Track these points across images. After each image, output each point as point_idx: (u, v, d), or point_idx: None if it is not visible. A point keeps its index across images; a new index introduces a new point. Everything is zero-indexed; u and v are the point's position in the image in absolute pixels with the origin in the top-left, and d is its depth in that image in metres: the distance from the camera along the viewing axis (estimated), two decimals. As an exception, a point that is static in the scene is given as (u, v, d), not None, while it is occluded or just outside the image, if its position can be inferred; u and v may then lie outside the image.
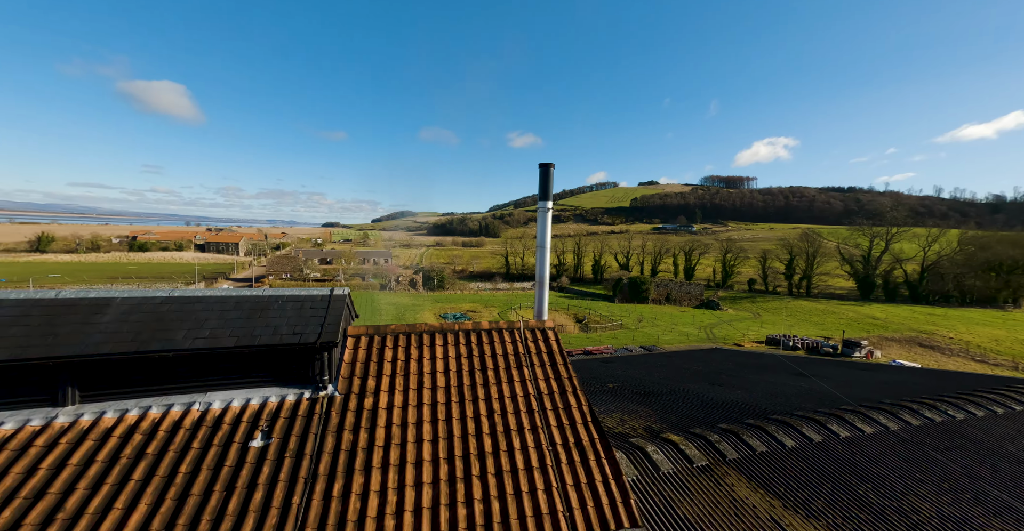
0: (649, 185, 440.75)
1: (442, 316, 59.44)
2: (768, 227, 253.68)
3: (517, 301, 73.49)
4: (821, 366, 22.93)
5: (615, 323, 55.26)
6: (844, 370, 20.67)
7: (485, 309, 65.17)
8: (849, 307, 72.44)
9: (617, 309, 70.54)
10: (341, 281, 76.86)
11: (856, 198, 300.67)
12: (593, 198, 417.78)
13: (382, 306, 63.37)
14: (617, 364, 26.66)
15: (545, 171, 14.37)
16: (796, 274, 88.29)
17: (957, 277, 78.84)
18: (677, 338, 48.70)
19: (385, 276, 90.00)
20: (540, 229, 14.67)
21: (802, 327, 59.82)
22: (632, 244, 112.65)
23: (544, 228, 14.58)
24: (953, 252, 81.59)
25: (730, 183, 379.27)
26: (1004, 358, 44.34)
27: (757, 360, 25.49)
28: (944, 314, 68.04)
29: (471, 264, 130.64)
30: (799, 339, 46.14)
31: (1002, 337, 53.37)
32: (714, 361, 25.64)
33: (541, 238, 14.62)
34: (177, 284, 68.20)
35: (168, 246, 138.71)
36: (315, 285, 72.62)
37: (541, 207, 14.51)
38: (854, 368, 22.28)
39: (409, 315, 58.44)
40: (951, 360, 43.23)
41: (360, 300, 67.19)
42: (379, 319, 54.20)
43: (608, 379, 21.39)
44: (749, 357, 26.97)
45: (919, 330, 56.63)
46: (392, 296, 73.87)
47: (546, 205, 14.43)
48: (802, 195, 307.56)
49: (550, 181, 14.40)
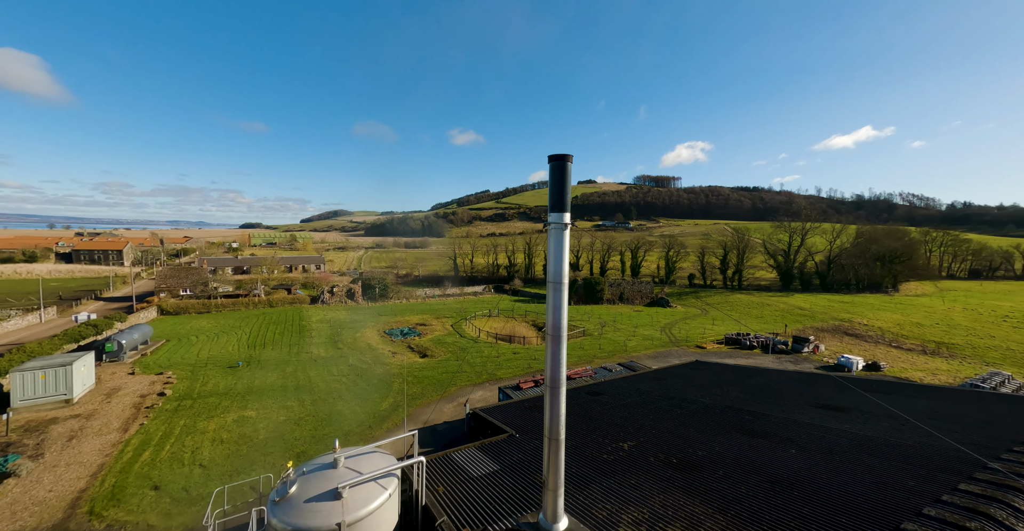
0: (588, 184, 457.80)
1: (387, 332, 52.16)
2: (693, 223, 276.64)
3: (471, 309, 68.14)
4: (824, 386, 21.41)
5: (578, 330, 52.77)
6: (853, 396, 18.96)
7: (437, 321, 58.96)
8: (779, 299, 78.61)
9: (575, 312, 68.61)
10: (260, 295, 64.88)
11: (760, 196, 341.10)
12: (536, 196, 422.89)
13: (313, 325, 54.01)
14: (608, 397, 23.13)
15: (560, 168, 9.76)
16: (730, 268, 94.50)
17: (854, 267, 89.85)
18: (643, 343, 47.43)
19: (317, 286, 78.73)
20: (553, 255, 10.06)
21: (748, 321, 62.72)
22: (582, 242, 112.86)
23: (560, 254, 10.00)
24: (851, 245, 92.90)
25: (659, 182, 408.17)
26: (913, 342, 49.63)
27: (753, 379, 23.64)
28: (851, 301, 76.58)
29: (416, 267, 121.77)
30: (754, 337, 47.32)
31: (901, 321, 60.57)
32: (713, 384, 23.19)
33: (555, 271, 10.03)
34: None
35: (14, 255, 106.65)
36: (224, 302, 60.18)
37: (555, 223, 9.89)
38: (859, 385, 20.93)
39: (347, 334, 50.26)
40: (877, 348, 47.22)
41: (285, 319, 56.89)
42: (309, 343, 45.49)
43: (611, 427, 17.48)
44: (741, 375, 24.99)
45: (839, 318, 62.31)
46: (326, 311, 64.09)
47: (563, 219, 9.85)
48: (719, 194, 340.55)
49: (567, 182, 9.83)
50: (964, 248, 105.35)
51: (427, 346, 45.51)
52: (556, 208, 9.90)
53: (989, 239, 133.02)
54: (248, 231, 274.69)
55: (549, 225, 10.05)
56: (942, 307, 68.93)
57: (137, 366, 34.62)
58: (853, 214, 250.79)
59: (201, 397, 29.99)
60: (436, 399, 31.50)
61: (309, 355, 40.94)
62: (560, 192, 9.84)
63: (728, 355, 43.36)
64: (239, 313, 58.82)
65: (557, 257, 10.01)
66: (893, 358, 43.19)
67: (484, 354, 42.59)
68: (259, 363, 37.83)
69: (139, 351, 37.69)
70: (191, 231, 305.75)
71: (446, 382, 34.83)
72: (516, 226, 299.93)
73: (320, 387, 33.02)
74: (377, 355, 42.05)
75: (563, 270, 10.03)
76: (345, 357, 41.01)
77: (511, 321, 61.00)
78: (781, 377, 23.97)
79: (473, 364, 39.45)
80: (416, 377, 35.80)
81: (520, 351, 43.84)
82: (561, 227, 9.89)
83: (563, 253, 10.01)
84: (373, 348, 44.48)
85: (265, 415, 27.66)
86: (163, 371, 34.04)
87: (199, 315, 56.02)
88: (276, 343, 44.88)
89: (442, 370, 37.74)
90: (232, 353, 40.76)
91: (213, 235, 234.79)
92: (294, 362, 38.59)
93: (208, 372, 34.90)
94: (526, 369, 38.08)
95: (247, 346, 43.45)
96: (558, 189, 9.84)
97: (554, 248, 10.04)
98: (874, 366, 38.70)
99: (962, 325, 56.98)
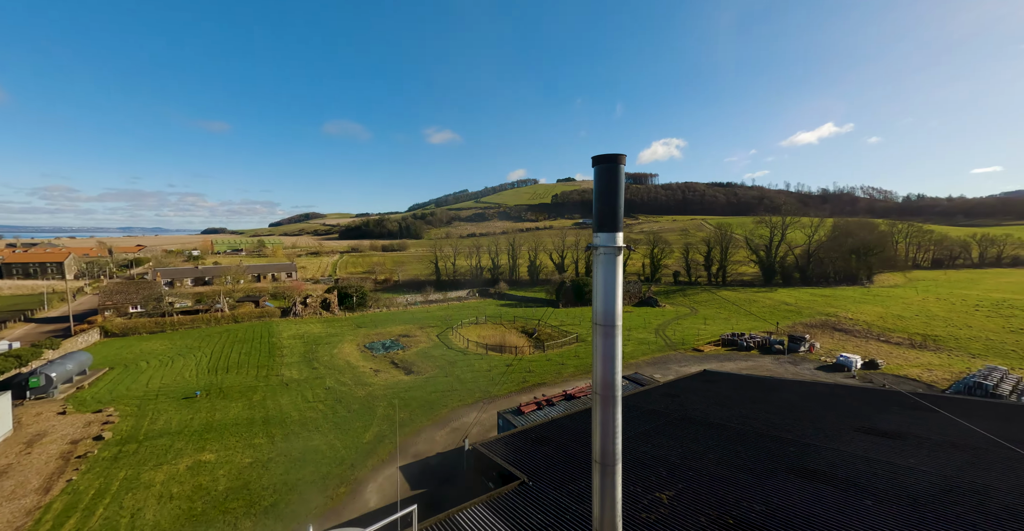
0: (567, 182, 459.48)
1: (368, 347, 48.32)
2: (671, 219, 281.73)
3: (456, 316, 64.86)
4: (854, 401, 19.66)
5: (570, 336, 50.60)
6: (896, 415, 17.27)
7: (421, 331, 55.42)
8: (764, 295, 79.33)
9: (565, 316, 66.56)
10: (223, 310, 59.27)
11: (734, 192, 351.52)
12: (515, 195, 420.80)
13: (284, 341, 49.42)
14: (623, 421, 20.84)
15: (610, 173, 7.09)
16: (714, 265, 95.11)
17: (832, 260, 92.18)
18: (640, 349, 45.73)
19: (288, 296, 73.30)
20: (603, 288, 7.38)
21: (738, 320, 62.41)
22: (566, 241, 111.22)
23: (611, 288, 7.32)
24: (828, 239, 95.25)
25: (636, 179, 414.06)
26: (900, 335, 50.26)
27: (776, 394, 21.81)
28: (832, 294, 78.15)
29: (396, 272, 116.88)
30: (749, 337, 46.51)
31: (883, 313, 61.77)
32: (733, 402, 21.19)
33: (606, 309, 7.35)
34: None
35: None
36: (182, 320, 54.26)
37: (604, 247, 7.20)
38: (889, 401, 19.32)
39: (323, 350, 46.10)
40: (868, 343, 47.38)
41: (252, 336, 51.94)
42: (280, 363, 41.14)
43: (639, 467, 15.00)
44: (760, 389, 23.13)
45: (825, 313, 62.96)
46: (299, 324, 59.29)
47: (614, 241, 7.17)
48: (694, 190, 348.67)
49: (619, 191, 7.16)
50: (928, 239, 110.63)
51: (412, 361, 42.14)
52: (606, 226, 7.21)
53: (948, 229, 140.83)
54: (211, 237, 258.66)
55: (596, 250, 7.36)
56: (917, 298, 71.12)
57: (70, 403, 29.70)
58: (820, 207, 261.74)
59: (149, 439, 25.71)
60: (426, 425, 28.39)
61: (280, 378, 36.81)
62: (610, 204, 7.16)
63: (727, 358, 42.19)
64: (199, 331, 53.24)
65: (608, 291, 7.33)
66: (885, 354, 43.20)
67: (475, 368, 39.66)
68: (221, 391, 33.47)
69: (74, 384, 32.56)
70: (146, 238, 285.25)
71: (436, 404, 31.75)
72: (497, 226, 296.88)
73: (293, 417, 29.25)
74: (358, 374, 38.37)
75: (615, 308, 7.37)
76: (322, 378, 37.15)
77: (500, 328, 58.20)
78: (804, 391, 22.28)
79: (464, 380, 36.47)
80: (402, 399, 32.51)
81: (513, 363, 41.16)
82: (613, 252, 7.22)
83: (615, 286, 7.34)
84: (353, 366, 40.72)
85: (227, 457, 23.82)
86: (103, 408, 29.31)
87: (151, 336, 50.16)
88: (242, 366, 40.34)
89: (431, 389, 34.59)
90: (189, 380, 36.09)
91: (171, 242, 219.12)
92: (262, 388, 34.44)
93: (159, 406, 30.39)
94: (521, 384, 35.46)
95: (207, 371, 38.75)
96: (608, 201, 7.15)
97: (603, 280, 7.35)
98: (872, 364, 38.35)
99: (940, 316, 58.54)
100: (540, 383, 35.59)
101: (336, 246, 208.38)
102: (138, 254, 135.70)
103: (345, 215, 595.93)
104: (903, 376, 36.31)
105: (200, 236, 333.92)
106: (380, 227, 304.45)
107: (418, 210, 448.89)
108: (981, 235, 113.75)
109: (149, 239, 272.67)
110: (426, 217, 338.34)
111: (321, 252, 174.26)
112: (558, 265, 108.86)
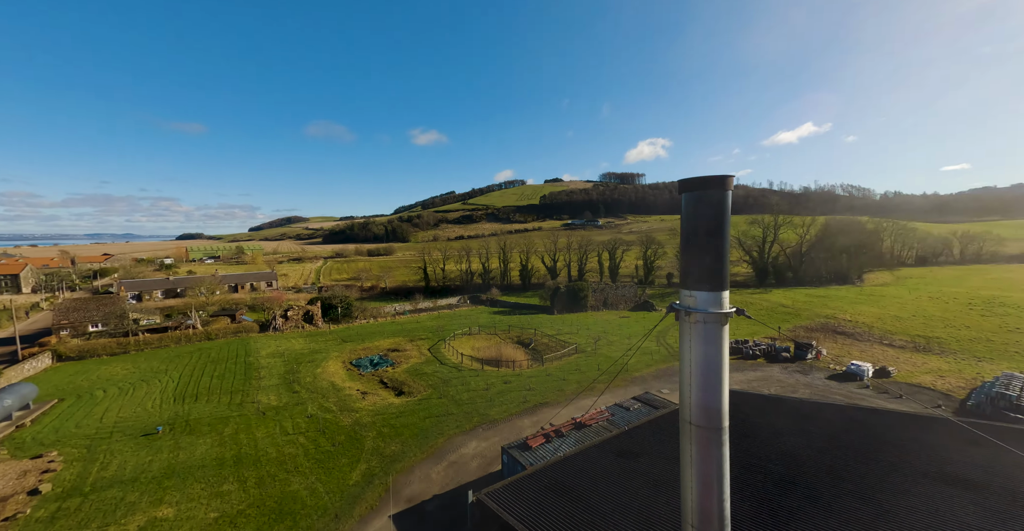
0: (555, 182, 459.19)
1: (354, 364, 45.03)
2: (659, 218, 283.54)
3: (448, 327, 61.83)
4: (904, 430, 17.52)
5: (569, 347, 48.27)
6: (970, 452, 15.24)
7: (411, 344, 52.28)
8: (759, 296, 78.60)
9: (560, 323, 64.26)
10: (195, 326, 54.92)
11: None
12: (503, 196, 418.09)
13: (262, 361, 45.65)
14: (646, 460, 18.37)
15: (711, 201, 4.52)
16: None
17: (824, 260, 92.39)
18: (643, 359, 43.67)
19: (268, 309, 69.05)
20: (701, 375, 4.83)
21: (737, 324, 61.07)
22: (558, 244, 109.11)
23: (715, 377, 4.78)
24: (820, 238, 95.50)
25: (624, 179, 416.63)
26: (902, 338, 49.52)
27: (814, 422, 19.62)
28: (826, 295, 77.94)
29: (383, 278, 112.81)
30: (753, 344, 45.00)
31: (881, 314, 61.39)
32: (768, 433, 18.95)
33: (708, 402, 4.81)
34: None
35: None
36: (148, 339, 49.78)
37: (704, 313, 4.67)
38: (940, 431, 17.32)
39: (306, 370, 42.59)
40: (872, 348, 46.37)
41: (227, 355, 47.98)
42: (257, 387, 37.52)
43: None
44: (794, 415, 20.94)
45: (824, 315, 62.23)
46: (279, 340, 55.40)
47: (720, 303, 4.64)
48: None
49: (724, 228, 4.62)
50: (912, 236, 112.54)
51: (403, 380, 39.10)
52: (705, 282, 4.84)
53: (931, 227, 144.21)
54: (186, 243, 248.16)
55: (686, 314, 4.83)
56: (910, 297, 71.28)
57: (6, 447, 25.81)
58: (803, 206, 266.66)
59: (96, 491, 22.18)
60: (421, 460, 25.54)
61: (256, 406, 33.35)
62: (712, 250, 4.66)
63: (734, 368, 40.40)
64: (167, 352, 48.90)
65: (709, 377, 4.85)
66: (892, 358, 42.16)
67: (471, 387, 36.89)
68: (187, 425, 29.91)
69: (13, 422, 28.55)
70: (115, 245, 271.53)
71: (430, 431, 28.90)
72: (485, 228, 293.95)
73: (269, 455, 26.01)
74: (343, 398, 35.17)
75: (720, 402, 4.86)
76: (303, 404, 33.84)
77: (494, 339, 55.48)
78: (843, 418, 20.25)
79: (460, 402, 33.68)
80: (393, 427, 29.55)
81: (512, 379, 38.54)
82: (717, 321, 4.70)
83: (720, 369, 4.83)
84: (338, 388, 37.45)
85: (188, 512, 20.55)
86: (45, 451, 25.52)
87: (112, 358, 45.67)
88: (213, 391, 36.64)
89: (424, 414, 31.69)
90: (151, 412, 32.32)
91: (142, 249, 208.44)
92: (235, 419, 30.97)
93: (113, 446, 26.73)
94: (522, 404, 32.87)
95: (173, 399, 34.96)
96: (708, 244, 4.69)
97: (702, 360, 4.84)
98: (883, 372, 37.10)
99: (936, 316, 58.33)
100: (542, 403, 33.08)
101: (320, 251, 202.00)
102: (104, 264, 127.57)
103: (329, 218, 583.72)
104: (916, 384, 35.11)
105: (174, 242, 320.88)
106: (365, 230, 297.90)
107: (404, 213, 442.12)
108: (962, 232, 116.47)
109: (119, 246, 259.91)
110: (413, 220, 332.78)
111: (304, 258, 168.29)
112: (550, 269, 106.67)
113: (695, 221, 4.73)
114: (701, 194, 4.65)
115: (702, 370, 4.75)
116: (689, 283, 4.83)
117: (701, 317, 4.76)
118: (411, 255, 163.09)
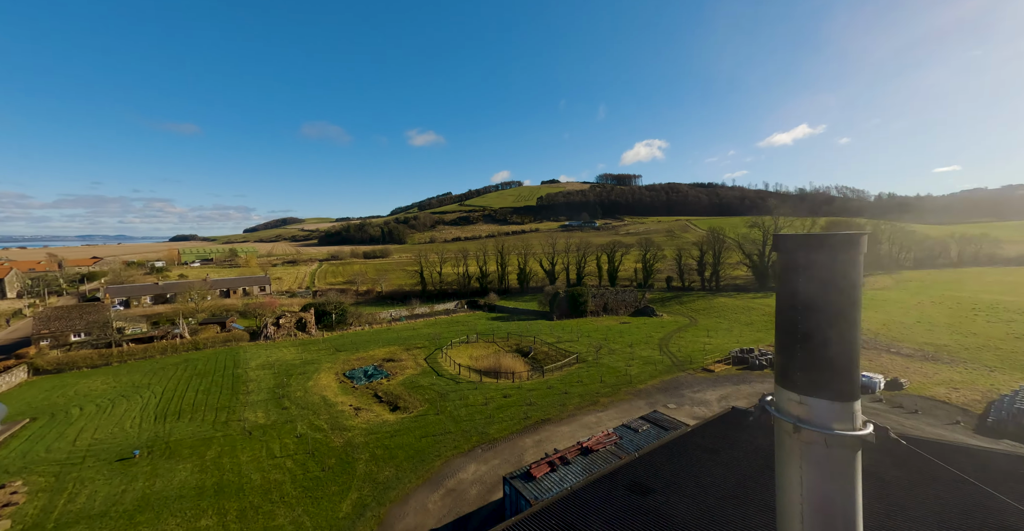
0: (551, 184, 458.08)
1: (347, 376, 43.27)
2: (656, 220, 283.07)
3: (446, 335, 60.11)
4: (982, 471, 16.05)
5: (570, 357, 46.79)
6: None
7: (407, 354, 50.55)
8: (760, 301, 77.63)
9: (560, 330, 62.82)
10: (183, 335, 52.87)
11: (716, 192, 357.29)
12: (500, 197, 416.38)
13: (251, 373, 43.75)
14: (661, 497, 16.77)
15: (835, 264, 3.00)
16: (707, 269, 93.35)
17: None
18: (646, 369, 42.30)
19: (260, 315, 67.03)
20: (822, 522, 3.33)
21: (740, 330, 60.01)
22: (556, 246, 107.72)
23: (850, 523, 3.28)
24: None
25: (620, 180, 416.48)
26: (909, 346, 48.58)
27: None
28: (827, 298, 77.04)
29: (378, 282, 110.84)
30: (759, 354, 43.79)
31: (886, 321, 60.51)
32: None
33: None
34: None
35: None
36: (133, 349, 47.67)
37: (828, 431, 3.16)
38: None
39: (296, 383, 40.77)
40: (880, 356, 45.33)
41: (215, 367, 46.02)
42: (244, 403, 35.67)
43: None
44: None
45: (826, 320, 61.20)
46: (270, 350, 53.47)
47: (851, 416, 3.15)
48: (677, 191, 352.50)
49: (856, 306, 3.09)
50: (910, 239, 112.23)
51: (398, 393, 37.43)
52: (823, 385, 3.25)
53: (928, 229, 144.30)
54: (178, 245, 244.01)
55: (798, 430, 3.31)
56: (912, 301, 70.51)
57: (-32, 477, 23.87)
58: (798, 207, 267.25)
59: (61, 527, 20.37)
60: (416, 486, 23.92)
61: (242, 425, 31.55)
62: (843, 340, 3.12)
63: (741, 379, 39.16)
64: (151, 363, 46.82)
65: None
66: (901, 368, 41.08)
67: (469, 402, 35.29)
68: (167, 447, 28.08)
69: (-21, 448, 26.61)
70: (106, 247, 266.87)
71: (427, 453, 27.29)
72: (482, 229, 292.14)
73: (253, 482, 24.28)
74: (335, 414, 33.45)
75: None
76: (293, 422, 32.09)
77: (493, 348, 53.92)
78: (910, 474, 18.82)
79: (458, 419, 32.08)
80: (387, 449, 27.90)
81: (512, 393, 36.98)
82: (851, 446, 3.19)
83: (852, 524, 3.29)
84: (330, 404, 35.72)
85: (162, 552, 18.82)
86: (8, 481, 23.63)
87: (93, 371, 43.57)
88: (197, 408, 34.77)
89: (420, 432, 30.06)
90: (129, 433, 30.44)
91: (134, 251, 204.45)
92: (219, 440, 29.18)
93: (84, 474, 24.87)
94: (523, 421, 31.33)
95: (154, 417, 33.08)
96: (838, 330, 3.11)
97: (820, 504, 3.33)
98: (895, 384, 35.97)
99: (941, 322, 57.46)
100: (544, 419, 31.56)
101: (315, 253, 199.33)
102: (93, 267, 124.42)
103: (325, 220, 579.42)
104: (930, 397, 33.96)
105: (167, 244, 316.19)
106: (361, 232, 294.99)
107: (401, 214, 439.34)
108: (960, 234, 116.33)
109: (110, 248, 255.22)
110: (409, 221, 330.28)
111: (299, 260, 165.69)
112: (549, 272, 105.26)
113: (811, 296, 3.20)
114: (816, 257, 3.14)
115: (822, 519, 3.22)
116: (797, 383, 3.32)
117: (820, 438, 3.25)
118: (407, 257, 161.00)
